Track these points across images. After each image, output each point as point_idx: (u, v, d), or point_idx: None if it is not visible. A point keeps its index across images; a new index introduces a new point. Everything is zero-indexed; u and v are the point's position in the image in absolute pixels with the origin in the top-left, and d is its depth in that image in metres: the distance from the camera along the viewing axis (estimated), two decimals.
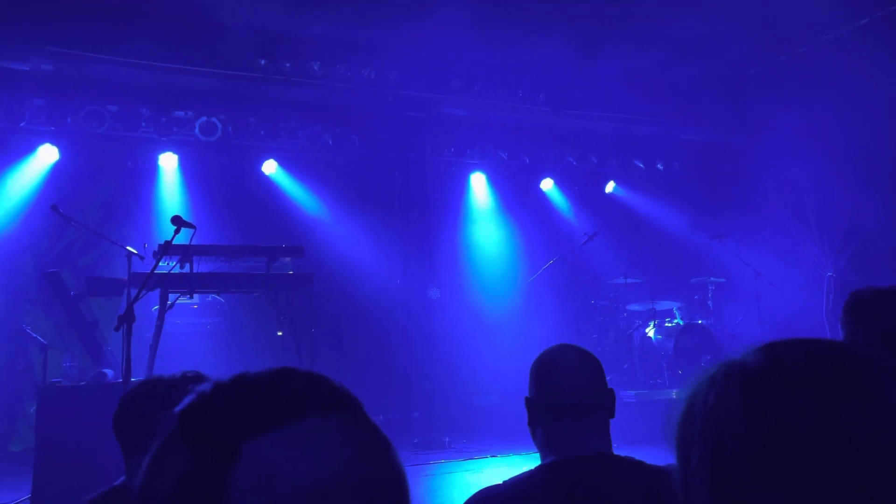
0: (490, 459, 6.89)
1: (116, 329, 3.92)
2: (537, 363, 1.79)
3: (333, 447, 0.62)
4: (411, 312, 8.75)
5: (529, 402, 1.77)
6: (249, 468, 0.59)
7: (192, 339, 7.67)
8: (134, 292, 4.37)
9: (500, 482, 1.67)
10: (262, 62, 7.86)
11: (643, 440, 4.65)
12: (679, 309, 9.08)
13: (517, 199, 10.20)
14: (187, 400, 0.65)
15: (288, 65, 7.95)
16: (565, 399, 1.70)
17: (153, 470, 0.63)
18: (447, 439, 7.52)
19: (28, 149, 7.97)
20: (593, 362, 1.78)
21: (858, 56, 7.85)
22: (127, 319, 3.88)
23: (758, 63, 8.99)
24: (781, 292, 8.64)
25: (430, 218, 9.24)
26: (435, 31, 7.82)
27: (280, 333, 6.78)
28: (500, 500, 1.61)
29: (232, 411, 0.62)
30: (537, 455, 1.78)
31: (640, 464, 1.64)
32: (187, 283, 5.96)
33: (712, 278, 9.10)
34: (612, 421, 1.77)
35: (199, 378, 1.77)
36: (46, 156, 8.00)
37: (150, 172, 8.56)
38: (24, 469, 5.84)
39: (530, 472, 1.68)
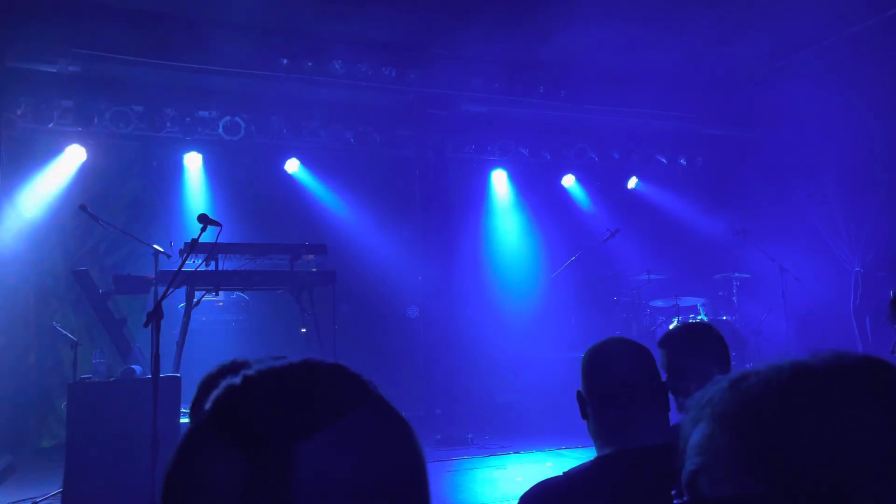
0: (512, 455, 6.90)
1: (145, 325, 3.98)
2: (585, 355, 1.84)
3: (377, 440, 0.63)
4: (433, 309, 8.77)
5: (579, 395, 1.80)
6: (308, 469, 0.58)
7: (217, 336, 7.77)
8: (161, 290, 4.44)
9: (560, 474, 1.68)
10: (285, 61, 7.92)
11: None
12: (703, 305, 9.00)
13: (538, 195, 10.17)
14: (222, 398, 0.62)
15: (310, 64, 8.00)
16: (608, 387, 1.73)
17: (193, 475, 0.60)
18: (469, 436, 7.54)
19: (56, 149, 8.11)
20: (638, 352, 1.80)
21: (884, 49, 7.73)
22: (155, 316, 3.94)
23: (782, 56, 8.88)
24: (807, 288, 8.54)
25: (451, 215, 9.25)
26: (454, 28, 7.83)
27: (304, 330, 6.84)
28: (559, 491, 1.63)
29: (281, 411, 0.60)
30: (561, 450, 1.80)
31: None
32: (213, 281, 6.04)
33: (737, 274, 9.01)
34: None
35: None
36: (74, 156, 8.14)
37: (175, 172, 8.68)
38: (55, 464, 5.96)
39: (587, 463, 1.70)
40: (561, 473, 1.68)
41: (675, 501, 0.73)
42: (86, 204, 6.10)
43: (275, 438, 0.59)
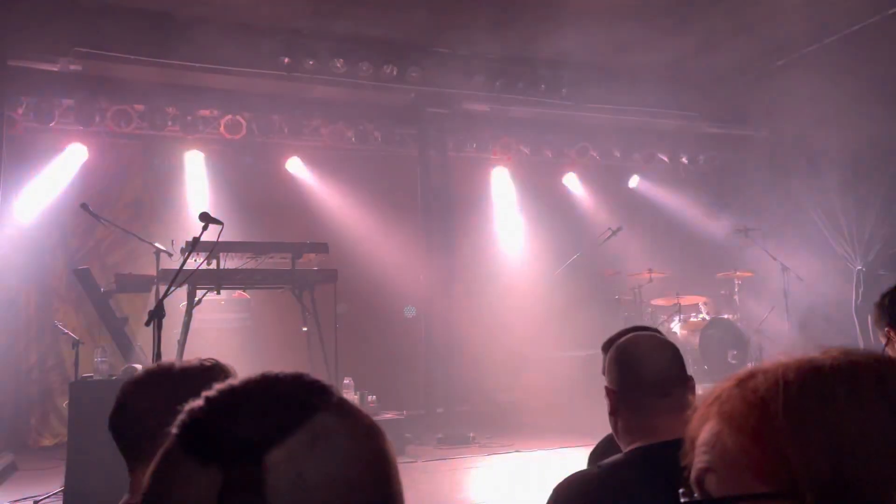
0: (513, 454, 6.89)
1: (147, 324, 3.98)
2: (615, 351, 1.81)
3: (344, 440, 0.64)
4: (434, 308, 8.77)
5: (610, 390, 1.79)
6: (280, 476, 0.60)
7: (218, 335, 7.76)
8: (162, 289, 4.44)
9: (592, 467, 1.69)
10: (286, 60, 7.92)
11: None
12: (705, 304, 8.99)
13: (540, 194, 10.16)
14: (188, 420, 0.64)
15: (311, 63, 8.00)
16: (647, 378, 1.72)
17: (170, 496, 0.61)
18: (471, 435, 7.54)
19: (57, 148, 8.11)
20: (668, 343, 1.81)
21: (887, 47, 7.71)
22: (157, 315, 3.94)
23: (784, 55, 8.86)
24: (809, 287, 8.52)
25: (452, 214, 9.24)
26: (456, 27, 7.82)
27: (305, 329, 6.84)
28: (592, 483, 1.64)
29: (247, 423, 0.62)
30: (563, 450, 1.79)
31: None
32: (214, 280, 6.04)
33: (738, 273, 9.00)
34: None
35: (217, 368, 1.53)
36: (75, 155, 8.14)
37: (177, 170, 8.67)
38: (56, 462, 5.96)
39: (619, 457, 1.70)
40: (594, 466, 1.68)
41: (682, 500, 0.73)
42: (87, 202, 6.10)
43: (245, 449, 0.60)
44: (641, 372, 1.74)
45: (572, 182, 10.43)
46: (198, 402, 0.65)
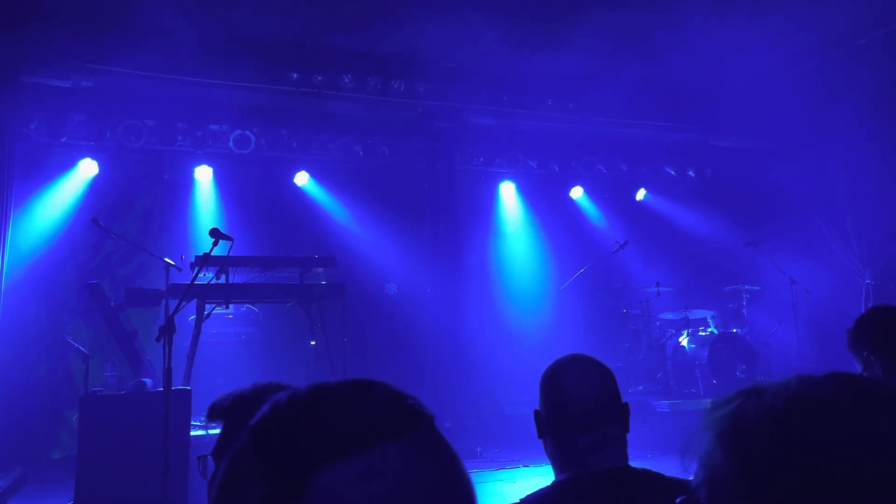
0: (522, 469, 6.87)
1: (157, 339, 4.01)
2: (547, 374, 1.75)
3: (400, 473, 0.59)
4: (441, 322, 8.77)
5: (538, 416, 1.72)
6: (320, 498, 0.56)
7: (227, 349, 7.79)
8: (172, 303, 4.47)
9: (517, 501, 1.63)
10: (294, 76, 7.99)
11: (677, 450, 4.59)
12: (713, 317, 8.96)
13: (547, 207, 10.18)
14: (262, 416, 0.62)
15: (319, 78, 8.06)
16: (574, 412, 1.65)
17: (229, 489, 0.61)
18: (479, 449, 7.51)
19: (69, 163, 8.20)
20: (604, 373, 1.72)
21: (893, 60, 7.72)
22: (167, 330, 3.97)
23: (791, 68, 8.87)
24: (818, 300, 8.49)
25: (459, 227, 9.25)
26: (462, 42, 7.87)
27: (313, 343, 6.85)
28: None
29: (306, 437, 0.59)
30: None
31: (657, 476, 1.60)
32: (224, 294, 6.07)
33: (747, 286, 8.97)
34: (646, 431, 1.76)
35: None
36: (86, 170, 8.22)
37: (186, 185, 8.74)
38: (65, 476, 5.98)
39: (545, 489, 1.65)
40: (518, 501, 1.63)
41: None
42: (98, 217, 6.15)
43: (294, 464, 0.57)
44: (571, 403, 1.66)
45: (579, 195, 10.44)
46: (281, 398, 0.63)
